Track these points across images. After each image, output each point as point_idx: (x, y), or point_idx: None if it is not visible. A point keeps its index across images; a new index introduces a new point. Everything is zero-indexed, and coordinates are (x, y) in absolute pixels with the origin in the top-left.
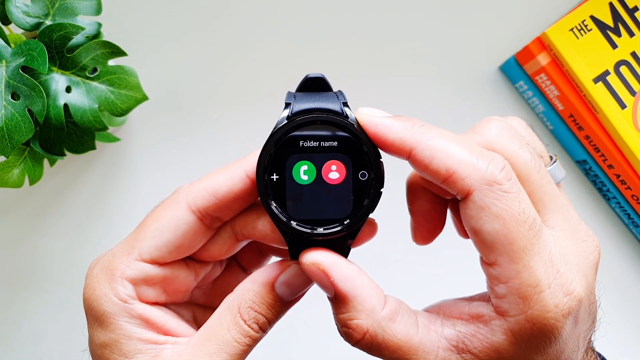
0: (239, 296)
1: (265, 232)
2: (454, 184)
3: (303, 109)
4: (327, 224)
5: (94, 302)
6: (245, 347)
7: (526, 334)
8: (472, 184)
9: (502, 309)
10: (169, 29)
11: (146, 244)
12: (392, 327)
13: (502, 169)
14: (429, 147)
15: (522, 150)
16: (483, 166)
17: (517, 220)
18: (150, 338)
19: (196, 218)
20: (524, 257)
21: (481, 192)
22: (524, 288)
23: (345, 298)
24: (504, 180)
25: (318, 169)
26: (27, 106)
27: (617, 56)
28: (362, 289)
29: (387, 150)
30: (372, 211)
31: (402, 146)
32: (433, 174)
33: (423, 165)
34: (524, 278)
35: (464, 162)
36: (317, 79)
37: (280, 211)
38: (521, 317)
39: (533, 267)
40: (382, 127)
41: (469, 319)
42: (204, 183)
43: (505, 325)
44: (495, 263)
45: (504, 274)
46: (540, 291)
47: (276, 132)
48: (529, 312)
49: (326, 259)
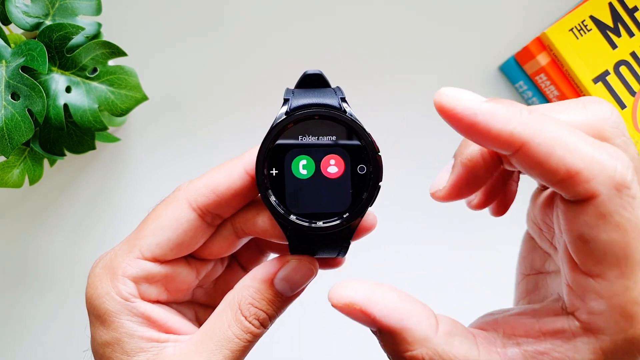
0: (239, 293)
1: (265, 227)
2: (574, 186)
3: (301, 104)
4: (326, 218)
5: (96, 300)
6: (247, 343)
7: (619, 354)
8: (599, 188)
9: (595, 326)
10: (168, 29)
11: (147, 242)
12: (450, 352)
13: (628, 168)
14: (546, 142)
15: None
16: (612, 166)
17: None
18: (152, 336)
19: (197, 215)
20: (636, 272)
21: (608, 197)
22: (630, 306)
23: (393, 332)
24: (631, 183)
25: (317, 163)
26: (27, 106)
27: (617, 56)
28: (409, 318)
29: (491, 145)
30: (371, 204)
31: (512, 140)
32: (547, 173)
33: (536, 163)
34: (632, 294)
35: (589, 160)
36: (315, 76)
37: (280, 205)
38: (620, 337)
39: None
40: (485, 117)
41: (541, 336)
42: (204, 180)
43: (596, 344)
44: (600, 276)
45: (609, 289)
46: None
47: (275, 127)
48: (630, 330)
49: (360, 294)
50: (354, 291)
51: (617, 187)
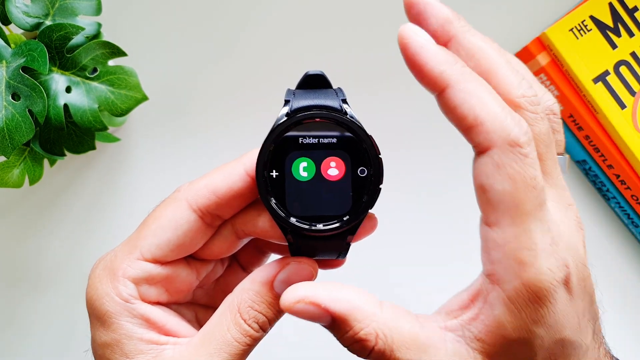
0: (239, 296)
1: (265, 228)
2: (476, 135)
3: (302, 105)
4: (326, 220)
5: (96, 301)
6: (246, 346)
7: (523, 300)
8: (495, 140)
9: (496, 276)
10: (169, 29)
11: (147, 243)
12: (397, 325)
13: (526, 133)
14: (464, 90)
15: (543, 121)
16: (510, 125)
17: (528, 185)
18: (151, 338)
19: (197, 216)
20: (525, 221)
21: (502, 150)
22: (520, 251)
23: (344, 316)
24: (525, 144)
25: (317, 165)
26: (28, 106)
27: (617, 56)
28: (356, 300)
29: (421, 79)
30: (372, 207)
31: (439, 80)
32: (458, 119)
33: (452, 107)
34: (522, 241)
35: (493, 116)
36: (316, 76)
37: (280, 208)
38: (517, 282)
39: (532, 231)
40: (426, 53)
41: (469, 304)
42: (204, 181)
43: (502, 294)
44: (495, 224)
45: (502, 235)
46: (535, 254)
47: (275, 129)
48: (524, 275)
49: (308, 290)
50: (301, 290)
51: (511, 144)
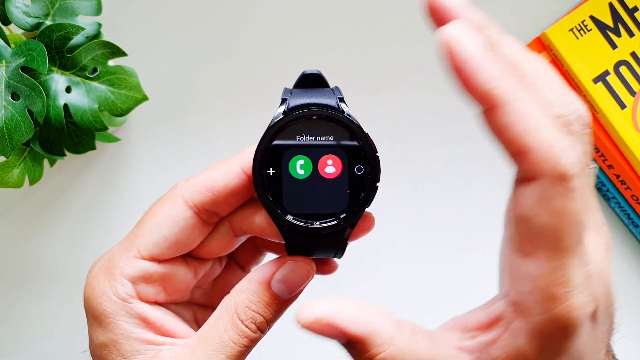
0: (236, 296)
1: (263, 226)
2: (524, 163)
3: (299, 104)
4: (323, 218)
5: (94, 301)
6: (243, 348)
7: (549, 334)
8: (545, 171)
9: (523, 307)
10: (169, 29)
11: (144, 241)
12: (415, 349)
13: (575, 164)
14: (516, 112)
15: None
16: (563, 155)
17: (571, 221)
18: (149, 338)
19: (193, 213)
20: (564, 257)
21: (550, 183)
22: (555, 287)
23: (362, 339)
24: (574, 178)
25: (314, 163)
26: (27, 106)
27: (617, 56)
28: (374, 322)
29: (468, 92)
30: (368, 205)
31: (490, 97)
32: (506, 142)
33: (498, 127)
34: (557, 277)
35: (545, 145)
36: (313, 75)
37: (277, 205)
38: (546, 316)
39: (569, 268)
40: (477, 63)
41: (488, 327)
42: (200, 178)
43: (527, 326)
44: (531, 255)
45: (537, 269)
46: (569, 291)
47: (272, 126)
48: (555, 311)
49: (325, 309)
50: (319, 308)
51: (560, 177)
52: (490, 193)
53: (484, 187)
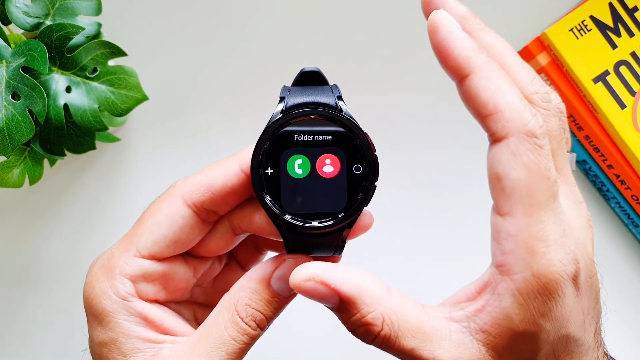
0: (236, 294)
1: (262, 225)
2: (494, 123)
3: (297, 102)
4: (321, 218)
5: (94, 300)
6: (243, 345)
7: (532, 291)
8: (513, 128)
9: (507, 266)
10: (169, 29)
11: (144, 240)
12: (404, 311)
13: (541, 126)
14: (487, 78)
15: (554, 118)
16: (528, 116)
17: (542, 175)
18: (149, 337)
19: (192, 212)
20: (538, 211)
21: (518, 139)
22: (533, 241)
23: (352, 298)
24: (541, 136)
25: (312, 162)
26: (28, 106)
27: (617, 56)
28: (364, 282)
29: (446, 63)
30: (367, 204)
31: (464, 67)
32: (478, 106)
33: (473, 94)
34: (534, 231)
35: (512, 106)
36: (312, 73)
37: (275, 205)
38: (527, 273)
39: (545, 222)
40: (455, 39)
41: (477, 296)
42: (199, 177)
43: (511, 285)
44: (508, 213)
45: (515, 225)
46: (547, 245)
47: (270, 126)
48: (535, 266)
49: (318, 269)
50: (312, 268)
51: (528, 134)
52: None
53: (484, 186)
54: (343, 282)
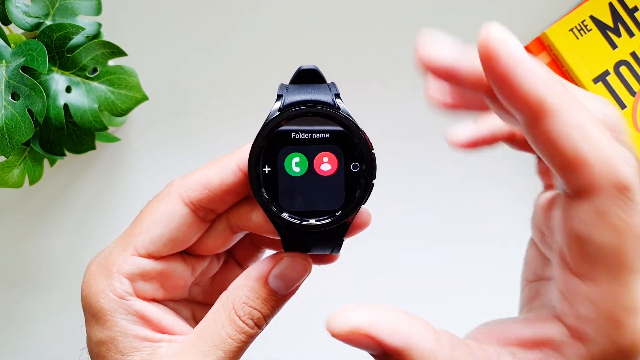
0: (233, 293)
1: (259, 223)
2: (577, 177)
3: (294, 100)
4: (319, 215)
5: (91, 298)
6: (241, 343)
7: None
8: (602, 184)
9: (582, 333)
10: (169, 29)
11: (141, 239)
12: None
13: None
14: (569, 120)
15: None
16: (620, 166)
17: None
18: (146, 335)
19: (189, 210)
20: (627, 278)
21: (608, 195)
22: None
23: (400, 352)
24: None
25: (310, 160)
26: (27, 106)
27: (617, 56)
28: (415, 336)
29: (511, 101)
30: (364, 202)
31: (538, 105)
32: (555, 154)
33: (548, 138)
34: (621, 300)
35: (601, 153)
36: (310, 71)
37: (272, 203)
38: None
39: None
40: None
41: (532, 345)
42: (196, 176)
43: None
44: (591, 279)
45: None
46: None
47: (268, 124)
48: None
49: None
50: (356, 318)
51: (619, 188)
52: (489, 191)
53: (483, 185)
54: (391, 336)
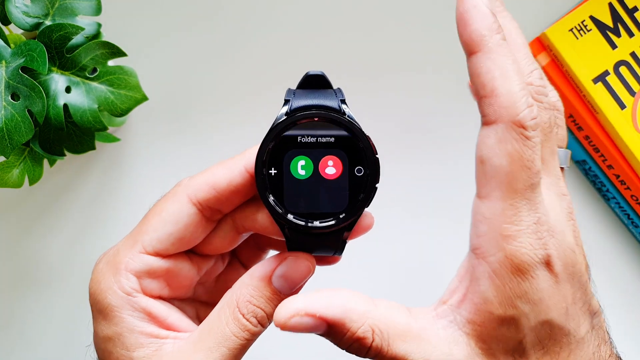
0: (237, 291)
1: (264, 224)
2: (488, 106)
3: (301, 105)
4: (323, 218)
5: (99, 295)
6: (245, 341)
7: (506, 272)
8: (504, 115)
9: (482, 249)
10: (169, 29)
11: (149, 237)
12: (391, 320)
13: (533, 119)
14: (493, 60)
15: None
16: (522, 106)
17: (524, 165)
18: (152, 332)
19: (197, 210)
20: (514, 198)
21: (507, 126)
22: (505, 224)
23: (340, 321)
24: (530, 128)
25: (315, 164)
26: (27, 106)
27: (617, 56)
28: (348, 302)
29: (461, 36)
30: (367, 205)
31: (475, 43)
32: (478, 86)
33: (476, 72)
34: (508, 215)
35: (511, 93)
36: (317, 77)
37: (278, 205)
38: (500, 255)
39: (519, 209)
40: (476, 13)
41: (458, 286)
42: (204, 176)
43: (487, 267)
44: (486, 197)
45: (490, 208)
46: (519, 230)
47: (275, 127)
48: (507, 247)
49: (300, 302)
50: (293, 303)
51: (517, 123)
52: None
53: None
54: (327, 308)
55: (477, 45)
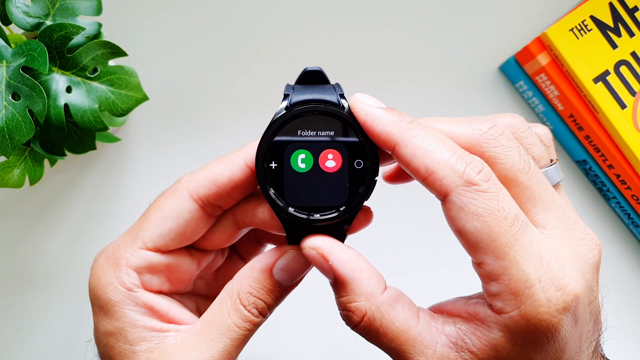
0: (238, 283)
1: (264, 219)
2: (432, 184)
3: (301, 99)
4: (323, 211)
5: (100, 291)
6: (246, 331)
7: (522, 330)
8: (449, 184)
9: (497, 307)
10: (169, 28)
11: (149, 233)
12: (391, 313)
13: (480, 171)
14: (411, 145)
15: (510, 151)
16: (461, 168)
17: (497, 217)
18: (154, 326)
19: (198, 206)
20: (509, 253)
21: (458, 192)
22: (514, 284)
23: (344, 281)
24: (481, 182)
25: (315, 157)
26: (28, 106)
27: (617, 56)
28: (360, 272)
29: (374, 140)
30: (367, 198)
31: (387, 140)
32: (413, 172)
33: (405, 162)
34: (512, 274)
35: (443, 162)
36: (315, 72)
37: (279, 198)
38: (515, 314)
39: (519, 262)
40: (372, 117)
41: (468, 318)
42: (204, 172)
43: (501, 322)
44: (482, 262)
45: (492, 272)
46: (531, 285)
47: (275, 121)
48: (522, 307)
49: (325, 243)
50: (321, 241)
51: (465, 184)
52: None
53: None
54: (341, 264)
55: (389, 142)
